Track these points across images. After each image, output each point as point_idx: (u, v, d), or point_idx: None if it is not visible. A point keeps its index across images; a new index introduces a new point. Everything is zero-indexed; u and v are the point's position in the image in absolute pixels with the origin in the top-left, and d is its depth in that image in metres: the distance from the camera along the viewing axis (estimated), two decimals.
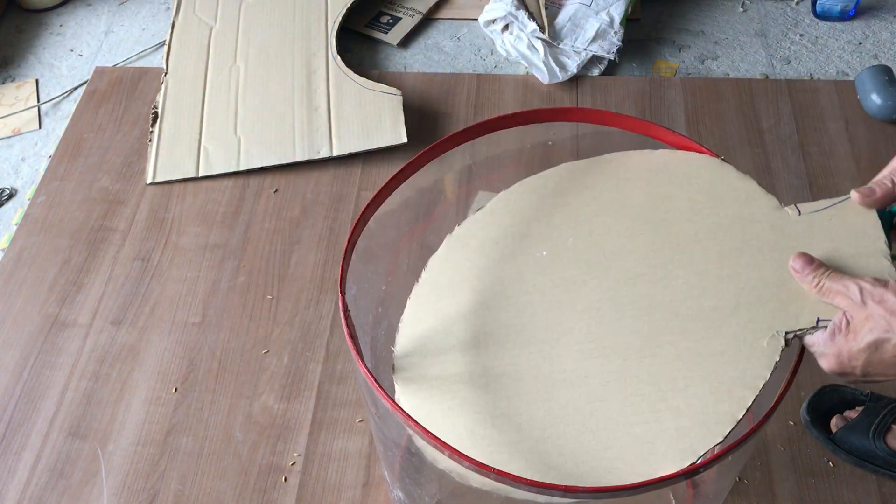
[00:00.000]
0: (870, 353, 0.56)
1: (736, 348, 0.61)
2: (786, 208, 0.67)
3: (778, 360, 0.60)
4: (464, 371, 0.65)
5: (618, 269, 0.68)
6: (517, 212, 0.74)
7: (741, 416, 0.59)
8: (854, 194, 0.64)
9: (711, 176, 0.71)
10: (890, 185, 0.63)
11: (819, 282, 0.60)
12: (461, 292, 0.70)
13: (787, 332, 0.61)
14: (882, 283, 0.57)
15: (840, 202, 0.65)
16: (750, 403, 0.59)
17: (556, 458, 0.59)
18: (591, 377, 0.63)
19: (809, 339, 0.60)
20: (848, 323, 0.57)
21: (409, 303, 0.71)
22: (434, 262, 0.74)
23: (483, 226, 0.74)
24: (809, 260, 0.61)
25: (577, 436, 0.60)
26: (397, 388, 0.66)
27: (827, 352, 0.58)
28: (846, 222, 0.64)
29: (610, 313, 0.65)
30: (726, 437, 0.58)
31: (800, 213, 0.66)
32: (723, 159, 0.72)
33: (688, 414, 0.59)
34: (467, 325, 0.68)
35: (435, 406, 0.64)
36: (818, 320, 0.60)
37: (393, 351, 0.68)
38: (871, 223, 0.64)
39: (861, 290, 0.57)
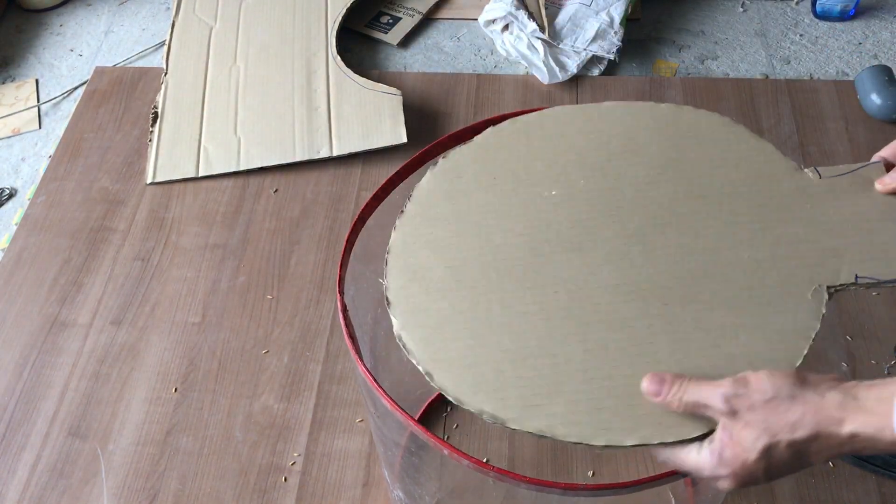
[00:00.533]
0: (767, 460, 0.52)
1: (781, 299, 0.60)
2: (806, 170, 0.67)
3: (825, 312, 0.60)
4: (478, 307, 0.62)
5: (642, 215, 0.65)
6: (512, 149, 0.71)
7: (798, 364, 0.58)
8: (877, 185, 0.65)
9: (727, 134, 0.70)
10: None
11: (679, 400, 0.55)
12: (459, 224, 0.66)
13: (828, 287, 0.60)
14: (741, 381, 0.53)
15: (860, 168, 0.66)
16: (806, 352, 0.58)
17: (607, 401, 0.57)
18: (631, 319, 0.60)
19: (693, 462, 0.55)
20: (730, 436, 0.53)
21: (394, 234, 0.67)
22: (420, 192, 0.69)
23: (474, 159, 0.70)
24: (660, 379, 0.56)
25: (627, 378, 0.58)
26: (396, 323, 0.62)
27: (721, 473, 0.54)
28: (866, 188, 0.65)
29: (640, 258, 0.63)
30: None
31: (820, 177, 0.66)
32: (732, 120, 0.71)
33: (743, 361, 0.58)
34: (473, 259, 0.64)
35: (449, 344, 0.60)
36: (856, 277, 0.61)
37: (382, 283, 0.64)
38: None
39: (725, 398, 0.53)
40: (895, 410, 0.48)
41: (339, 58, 1.48)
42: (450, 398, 0.58)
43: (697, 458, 0.55)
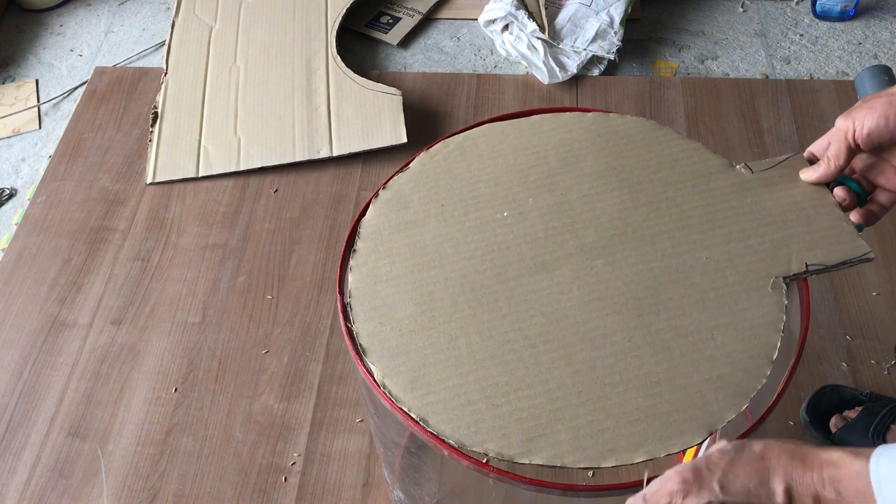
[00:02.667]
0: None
1: (745, 295, 0.62)
2: (738, 167, 0.70)
3: (787, 303, 0.62)
4: (458, 342, 0.61)
5: (596, 227, 0.67)
6: (452, 173, 0.71)
7: (775, 357, 0.59)
8: (801, 175, 0.68)
9: (657, 137, 0.72)
10: (827, 166, 0.66)
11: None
12: (417, 258, 0.66)
13: (784, 278, 0.63)
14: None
15: (785, 160, 0.69)
16: (779, 344, 0.60)
17: (607, 422, 0.57)
18: (611, 334, 0.61)
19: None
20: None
21: (352, 275, 0.65)
22: (369, 227, 0.68)
23: (416, 187, 0.70)
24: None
25: (621, 395, 0.58)
26: (376, 371, 0.60)
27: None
28: (796, 178, 0.68)
29: (606, 271, 0.64)
30: (769, 378, 0.59)
31: (752, 172, 0.69)
32: (659, 124, 0.73)
33: (724, 361, 0.59)
34: (441, 292, 0.64)
35: (437, 385, 0.59)
36: (807, 265, 0.63)
37: (352, 328, 0.63)
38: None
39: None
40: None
41: (339, 58, 1.48)
42: (451, 443, 0.57)
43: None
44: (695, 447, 0.57)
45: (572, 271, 0.64)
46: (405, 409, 0.58)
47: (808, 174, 0.68)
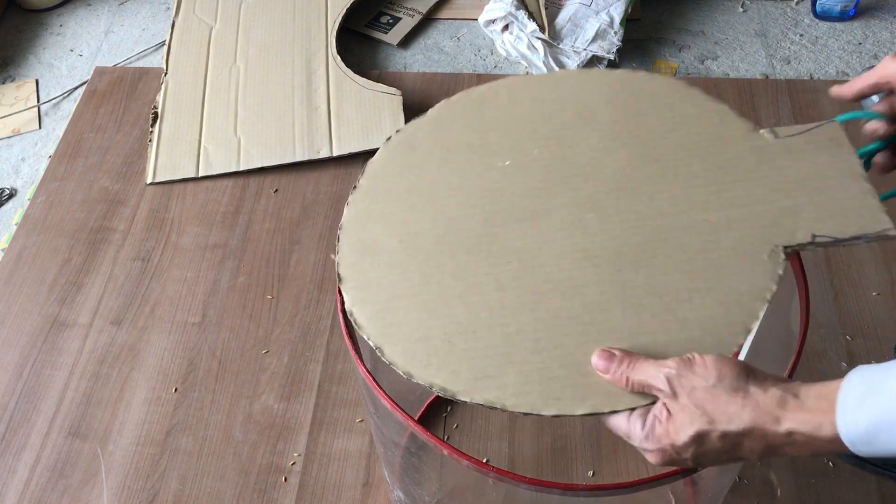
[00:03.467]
0: (697, 447, 0.52)
1: (736, 261, 0.59)
2: (762, 131, 0.67)
3: (781, 273, 0.58)
4: (430, 280, 0.61)
5: (595, 181, 0.65)
6: (467, 120, 0.71)
7: (754, 327, 0.57)
8: (832, 89, 0.64)
9: (681, 97, 0.70)
10: (867, 81, 0.62)
11: (625, 378, 0.54)
12: (412, 198, 0.66)
13: (785, 247, 0.60)
14: (686, 362, 0.53)
15: (815, 127, 0.65)
16: (761, 315, 0.57)
17: (558, 371, 0.56)
18: (583, 287, 0.60)
19: (624, 429, 0.55)
20: (666, 414, 0.53)
21: (347, 209, 0.66)
22: (374, 166, 0.69)
23: (428, 133, 0.70)
24: (609, 355, 0.56)
25: (578, 346, 0.57)
26: (347, 298, 0.62)
27: (648, 447, 0.54)
28: (823, 147, 0.64)
29: (594, 225, 0.63)
30: (740, 349, 0.57)
31: (777, 137, 0.66)
32: (688, 84, 0.71)
33: (697, 325, 0.57)
34: (426, 232, 0.64)
35: (401, 318, 0.60)
36: (813, 236, 0.59)
37: (334, 258, 0.64)
38: (847, 148, 0.64)
39: (668, 378, 0.52)
40: (837, 406, 0.48)
41: (339, 58, 1.48)
42: (400, 372, 0.57)
43: (627, 425, 0.55)
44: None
45: (560, 221, 0.63)
46: (364, 337, 0.59)
47: (839, 88, 0.64)
